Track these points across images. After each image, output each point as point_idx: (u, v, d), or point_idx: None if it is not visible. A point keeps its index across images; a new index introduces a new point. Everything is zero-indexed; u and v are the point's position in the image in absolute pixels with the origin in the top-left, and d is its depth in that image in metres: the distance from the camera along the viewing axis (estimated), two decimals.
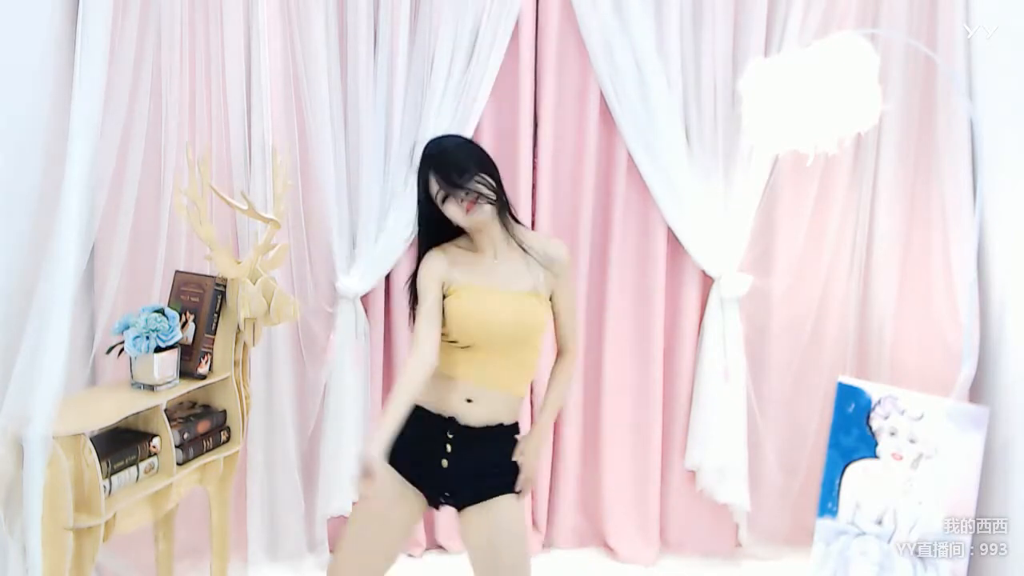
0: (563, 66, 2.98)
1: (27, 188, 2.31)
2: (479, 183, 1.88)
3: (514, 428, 2.01)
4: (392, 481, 1.92)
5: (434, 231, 2.01)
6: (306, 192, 2.90)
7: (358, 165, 2.87)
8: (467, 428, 1.92)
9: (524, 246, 1.97)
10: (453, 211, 1.91)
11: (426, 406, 1.93)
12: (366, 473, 1.71)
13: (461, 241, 2.01)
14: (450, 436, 1.92)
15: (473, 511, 1.93)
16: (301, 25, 2.82)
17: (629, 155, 2.98)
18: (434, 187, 1.91)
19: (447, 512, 3.06)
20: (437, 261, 1.97)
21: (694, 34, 2.95)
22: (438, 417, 1.93)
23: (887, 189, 3.00)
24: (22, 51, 2.31)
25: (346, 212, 2.90)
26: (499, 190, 1.93)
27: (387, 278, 2.96)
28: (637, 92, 2.92)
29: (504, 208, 1.94)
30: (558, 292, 2.01)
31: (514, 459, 1.98)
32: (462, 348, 1.93)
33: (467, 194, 1.88)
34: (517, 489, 1.97)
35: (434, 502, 1.98)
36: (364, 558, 1.95)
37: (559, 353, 2.10)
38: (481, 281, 1.94)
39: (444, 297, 1.94)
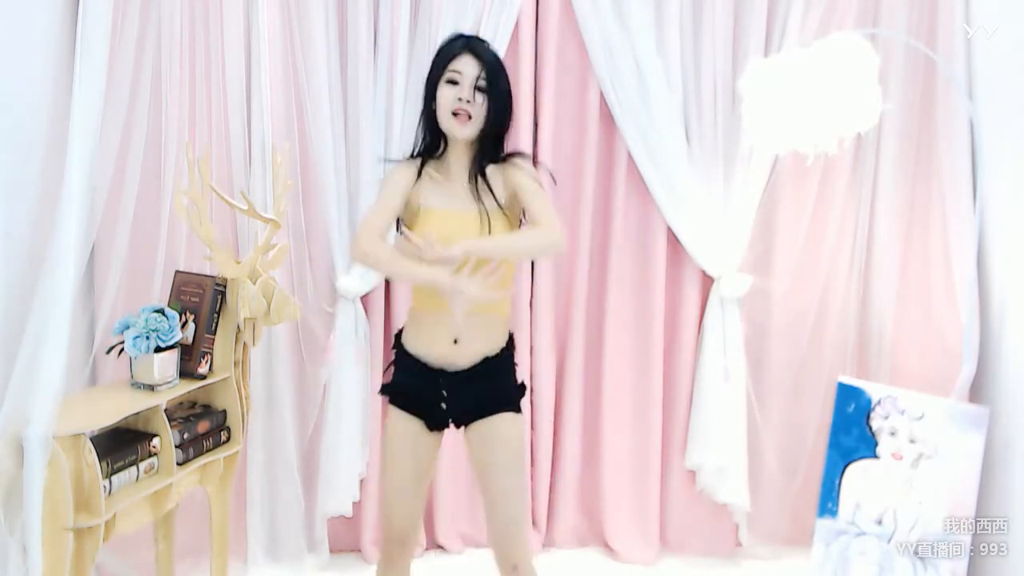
0: (563, 66, 2.99)
1: (27, 188, 2.31)
2: (495, 96, 1.88)
3: (503, 356, 2.01)
4: (406, 424, 1.99)
5: (426, 141, 2.00)
6: (306, 192, 2.90)
7: (358, 165, 2.87)
8: (457, 373, 1.96)
9: (488, 181, 1.94)
10: (446, 96, 1.88)
11: (418, 356, 1.98)
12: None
13: (433, 162, 2.00)
14: (442, 382, 1.97)
15: (474, 428, 1.99)
16: (301, 25, 2.82)
17: (629, 155, 2.98)
18: (455, 65, 1.88)
19: (446, 513, 3.09)
20: (406, 172, 1.96)
21: (694, 34, 2.95)
22: (430, 369, 1.97)
23: (887, 189, 3.00)
24: (22, 51, 2.31)
25: (346, 212, 2.89)
26: (500, 118, 1.92)
27: (387, 278, 2.96)
28: (637, 92, 2.92)
29: (492, 139, 1.93)
30: (520, 188, 1.94)
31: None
32: None
33: (477, 93, 1.87)
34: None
35: (438, 428, 2.03)
36: (404, 497, 2.00)
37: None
38: (444, 204, 1.93)
39: (410, 215, 1.96)
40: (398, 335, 2.08)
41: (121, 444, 2.18)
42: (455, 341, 1.94)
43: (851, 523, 2.67)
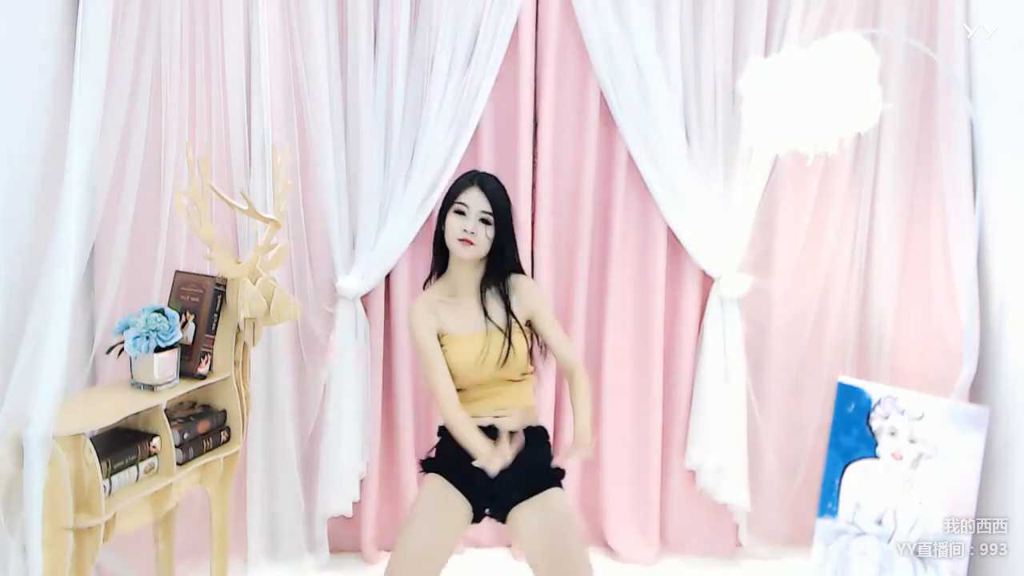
0: (563, 66, 2.98)
1: (27, 188, 2.31)
2: (493, 222, 2.10)
3: (540, 430, 2.19)
4: (445, 489, 2.10)
5: (439, 253, 2.22)
6: (306, 192, 2.90)
7: (358, 165, 2.87)
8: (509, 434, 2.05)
9: (493, 295, 2.16)
10: (454, 225, 2.10)
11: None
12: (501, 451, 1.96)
13: (439, 285, 2.21)
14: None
15: (523, 507, 2.05)
16: (301, 25, 2.82)
17: (629, 155, 2.98)
18: (463, 198, 2.11)
19: None
20: (426, 313, 2.13)
21: (694, 34, 2.95)
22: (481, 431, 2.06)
23: (887, 189, 3.00)
24: (22, 51, 2.31)
25: (346, 212, 2.90)
26: (503, 243, 2.13)
27: (387, 278, 2.96)
28: (637, 92, 2.92)
29: (499, 261, 2.14)
30: (535, 316, 2.19)
31: (556, 463, 2.14)
32: (465, 391, 2.12)
33: (481, 224, 2.09)
34: (564, 456, 2.07)
35: (479, 515, 2.11)
36: (421, 559, 2.02)
37: (567, 376, 2.21)
38: (461, 327, 2.13)
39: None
40: (442, 430, 2.19)
41: (121, 444, 2.18)
42: (496, 417, 2.11)
43: (851, 523, 2.67)
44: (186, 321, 2.42)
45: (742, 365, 3.02)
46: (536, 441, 2.15)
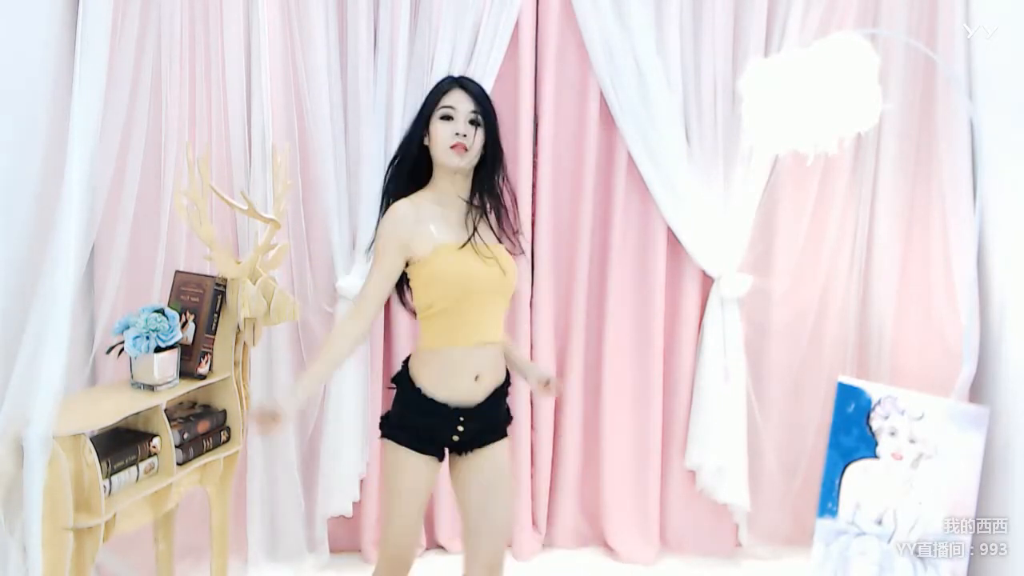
0: (563, 66, 2.99)
1: (27, 188, 2.31)
2: (487, 126, 1.91)
3: (504, 386, 2.05)
4: (415, 458, 1.95)
5: (407, 171, 1.98)
6: (306, 192, 2.90)
7: (358, 165, 2.87)
8: (472, 408, 1.96)
9: (488, 205, 1.96)
10: (443, 132, 1.89)
11: (435, 397, 1.93)
12: (267, 418, 1.73)
13: (427, 192, 1.97)
14: (461, 420, 1.95)
15: (471, 455, 2.01)
16: (301, 25, 2.83)
17: (629, 155, 2.98)
18: (447, 101, 1.90)
19: (446, 513, 3.08)
20: (404, 218, 1.89)
21: (694, 34, 2.95)
22: (447, 407, 1.93)
23: (887, 189, 3.00)
24: (22, 51, 2.31)
25: (346, 212, 2.90)
26: (491, 149, 1.94)
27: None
28: (637, 92, 2.92)
29: (491, 165, 1.95)
30: None
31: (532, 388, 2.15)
32: (450, 313, 1.90)
33: (471, 126, 1.89)
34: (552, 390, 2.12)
35: (442, 457, 2.02)
36: (412, 523, 2.00)
37: None
38: (457, 237, 1.91)
39: (413, 263, 1.90)
40: (403, 377, 2.00)
41: (121, 444, 2.18)
42: (476, 378, 1.94)
43: (851, 523, 2.67)
44: (186, 321, 2.42)
45: (742, 365, 3.02)
46: (498, 400, 2.02)
